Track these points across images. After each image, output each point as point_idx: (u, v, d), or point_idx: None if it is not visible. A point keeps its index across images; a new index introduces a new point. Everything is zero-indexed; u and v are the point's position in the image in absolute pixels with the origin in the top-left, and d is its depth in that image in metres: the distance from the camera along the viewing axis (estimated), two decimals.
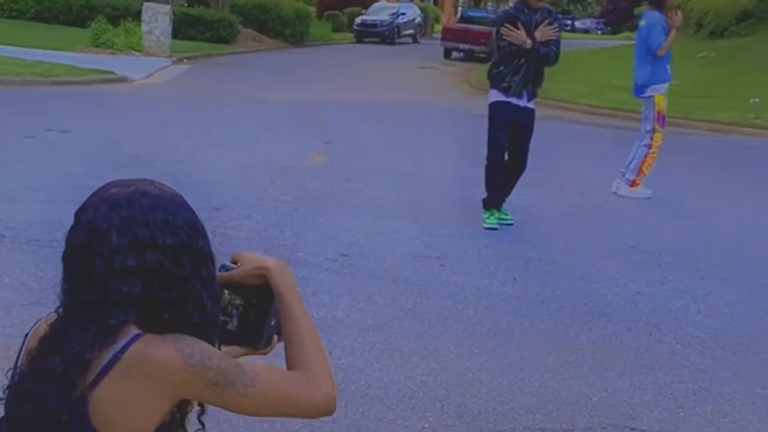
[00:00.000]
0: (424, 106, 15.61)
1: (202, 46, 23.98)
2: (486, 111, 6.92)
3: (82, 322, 1.38)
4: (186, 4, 27.91)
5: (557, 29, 6.61)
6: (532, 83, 6.63)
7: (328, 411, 1.50)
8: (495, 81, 6.70)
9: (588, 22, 65.81)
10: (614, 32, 57.51)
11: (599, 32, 61.18)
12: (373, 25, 36.18)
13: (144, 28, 20.86)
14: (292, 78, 19.18)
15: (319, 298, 4.98)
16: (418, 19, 39.42)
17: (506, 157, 6.86)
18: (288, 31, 29.92)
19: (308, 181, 8.33)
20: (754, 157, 12.00)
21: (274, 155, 9.64)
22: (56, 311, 1.46)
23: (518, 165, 6.86)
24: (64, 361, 1.37)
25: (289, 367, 1.52)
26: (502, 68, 6.63)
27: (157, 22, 20.69)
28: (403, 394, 3.92)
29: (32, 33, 21.56)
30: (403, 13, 37.74)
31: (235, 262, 1.60)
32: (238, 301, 1.58)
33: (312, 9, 37.48)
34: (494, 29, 6.93)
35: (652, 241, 6.90)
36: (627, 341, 4.78)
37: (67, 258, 1.44)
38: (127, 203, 1.41)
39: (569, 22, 65.29)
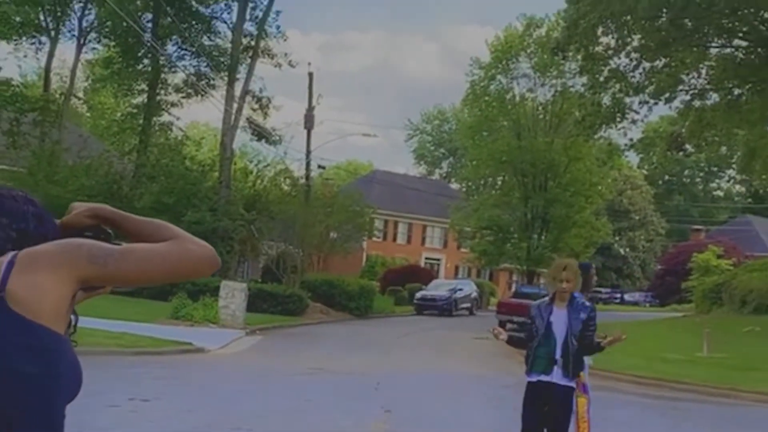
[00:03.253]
0: (480, 376, 16.38)
1: (273, 319, 25.55)
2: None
3: None
4: (260, 281, 30.01)
5: (592, 327, 7.18)
6: (563, 363, 7.09)
7: (214, 259, 1.77)
8: (527, 362, 7.41)
9: (637, 295, 67.35)
10: (662, 305, 58.54)
11: (647, 305, 62.28)
12: (433, 299, 38.20)
13: (221, 302, 22.58)
14: (357, 348, 20.23)
15: None
16: (474, 294, 41.38)
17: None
18: (353, 305, 31.76)
19: None
20: None
21: (339, 423, 10.36)
22: None
23: None
24: None
25: None
26: (531, 350, 7.23)
27: (233, 297, 22.44)
28: None
29: (119, 307, 23.29)
30: (461, 289, 39.91)
31: (69, 212, 1.90)
32: (88, 233, 1.88)
33: (376, 285, 39.70)
34: (528, 314, 7.67)
35: None
36: None
37: None
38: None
39: (619, 295, 66.91)
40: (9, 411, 1.66)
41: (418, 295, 39.34)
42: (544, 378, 7.16)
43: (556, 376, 7.14)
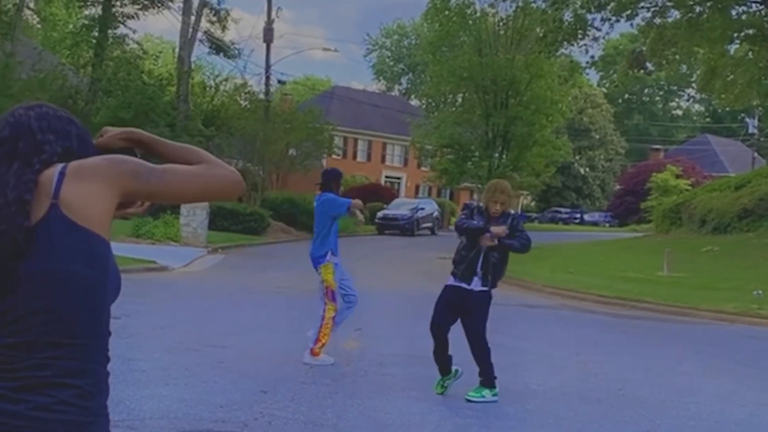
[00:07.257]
0: None
1: (235, 237, 25.43)
2: (498, 300, 7.75)
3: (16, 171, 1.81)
4: None
5: (516, 229, 7.45)
6: (483, 272, 7.41)
7: (240, 184, 1.96)
8: (455, 264, 7.62)
9: (597, 215, 68.07)
10: (621, 225, 59.46)
11: (607, 225, 63.18)
12: (394, 218, 38.22)
13: (182, 220, 22.35)
14: None
15: None
16: (436, 213, 41.54)
17: (445, 332, 7.73)
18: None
19: (344, 365, 9.05)
20: (758, 345, 12.67)
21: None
22: None
23: (472, 346, 7.56)
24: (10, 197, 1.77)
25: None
26: (459, 254, 7.55)
27: (194, 215, 22.21)
28: None
29: None
30: (422, 208, 39.96)
31: (101, 135, 2.01)
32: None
33: None
34: (467, 206, 7.89)
35: (667, 426, 7.11)
36: None
37: None
38: (37, 106, 1.93)
39: (578, 215, 67.67)
40: (65, 309, 1.80)
41: (380, 214, 39.28)
42: (464, 285, 7.49)
43: (474, 285, 7.50)
